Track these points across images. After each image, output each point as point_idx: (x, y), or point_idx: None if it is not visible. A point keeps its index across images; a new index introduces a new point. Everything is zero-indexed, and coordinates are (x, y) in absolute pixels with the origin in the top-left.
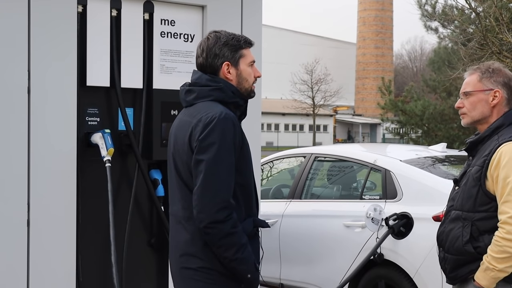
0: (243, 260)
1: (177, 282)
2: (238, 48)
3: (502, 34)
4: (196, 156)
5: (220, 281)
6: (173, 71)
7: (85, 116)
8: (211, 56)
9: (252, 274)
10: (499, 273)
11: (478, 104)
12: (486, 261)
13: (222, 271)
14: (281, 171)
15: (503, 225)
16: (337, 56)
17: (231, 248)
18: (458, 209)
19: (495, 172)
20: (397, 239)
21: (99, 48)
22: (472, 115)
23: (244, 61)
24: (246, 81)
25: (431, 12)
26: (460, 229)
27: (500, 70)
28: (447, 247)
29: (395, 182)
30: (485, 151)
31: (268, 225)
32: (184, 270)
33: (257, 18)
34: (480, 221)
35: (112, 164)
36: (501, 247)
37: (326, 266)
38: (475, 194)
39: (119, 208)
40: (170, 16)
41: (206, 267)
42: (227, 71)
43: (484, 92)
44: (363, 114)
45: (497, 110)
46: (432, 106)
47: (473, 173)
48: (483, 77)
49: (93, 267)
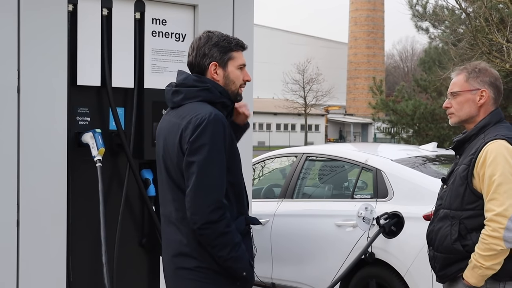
0: (238, 258)
1: (171, 283)
2: (228, 50)
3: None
4: (188, 158)
5: (216, 280)
6: (165, 71)
7: (76, 115)
8: (200, 55)
9: (247, 271)
10: (487, 270)
11: (466, 104)
12: (474, 259)
13: (217, 270)
14: (272, 171)
15: (489, 222)
16: (328, 56)
17: (225, 247)
18: (446, 208)
19: (481, 170)
20: (388, 238)
21: (90, 47)
22: (460, 115)
23: (233, 63)
24: (233, 84)
25: (422, 13)
26: (448, 228)
27: (487, 70)
28: (436, 246)
29: (386, 181)
30: (472, 150)
31: (260, 222)
32: (179, 270)
33: (249, 18)
34: (467, 219)
35: (103, 164)
36: (487, 244)
37: (317, 265)
38: (462, 192)
39: (110, 208)
40: (162, 16)
41: (202, 267)
42: (214, 72)
43: (471, 92)
44: (355, 113)
45: (484, 109)
46: (423, 105)
47: (460, 171)
48: (469, 77)
49: (84, 267)
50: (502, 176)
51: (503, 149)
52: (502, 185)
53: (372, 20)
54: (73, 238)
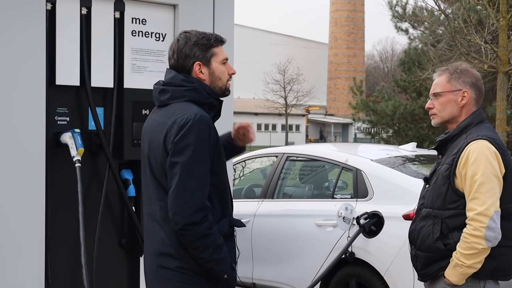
0: (220, 261)
1: (152, 282)
2: (208, 47)
3: (470, 36)
4: (171, 158)
5: (197, 281)
6: (145, 70)
7: (55, 115)
8: (182, 57)
9: (229, 274)
10: (468, 269)
11: (448, 104)
12: (455, 257)
13: (199, 272)
14: (253, 171)
15: (471, 221)
16: (309, 56)
17: (207, 249)
18: (428, 207)
19: (464, 169)
20: (368, 237)
21: (68, 47)
22: (442, 115)
23: (216, 60)
24: (220, 80)
25: (401, 14)
26: (430, 227)
27: (468, 71)
28: (418, 245)
29: (366, 181)
30: (454, 150)
31: (244, 224)
32: (161, 269)
33: (229, 18)
34: (449, 219)
35: (82, 164)
36: (469, 243)
37: (298, 265)
38: (444, 192)
39: (90, 208)
40: (141, 15)
41: (184, 267)
42: (199, 71)
43: (453, 92)
44: (335, 114)
45: (466, 110)
46: (402, 106)
47: (443, 171)
48: (451, 78)
49: (63, 269)
50: (483, 176)
51: (485, 149)
52: (483, 185)
53: (352, 20)
54: (52, 239)
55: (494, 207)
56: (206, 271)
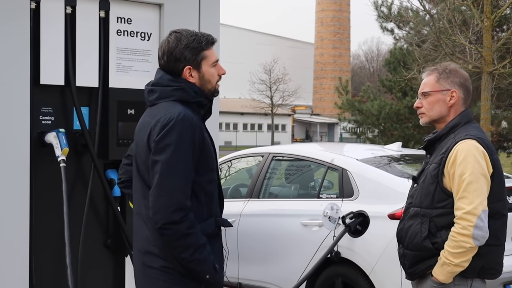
0: (201, 261)
1: (140, 280)
2: (199, 50)
3: (455, 36)
4: (153, 157)
5: (180, 281)
6: (130, 70)
7: (39, 115)
8: (172, 60)
9: (211, 275)
10: (456, 267)
11: (436, 104)
12: (443, 256)
13: (182, 271)
14: (239, 171)
15: (459, 220)
16: (295, 56)
17: (188, 249)
18: (416, 206)
19: (452, 169)
20: (353, 237)
21: (53, 46)
22: (430, 115)
23: (206, 63)
24: (209, 83)
25: (387, 14)
26: (418, 226)
27: (457, 71)
28: (406, 243)
29: (352, 181)
30: (442, 149)
31: (231, 224)
32: (146, 268)
33: (215, 17)
34: (438, 217)
35: (67, 164)
36: (457, 242)
37: (284, 265)
38: (433, 191)
39: (74, 208)
40: (127, 14)
41: (167, 267)
42: (189, 75)
43: (441, 92)
44: (321, 113)
45: (454, 109)
46: (388, 106)
47: (431, 170)
48: (440, 78)
49: (47, 269)
50: (472, 175)
51: (473, 148)
52: (471, 184)
53: (338, 20)
54: (36, 239)
55: (482, 206)
56: (188, 271)
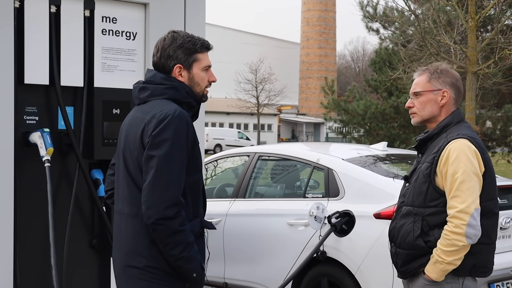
0: (190, 259)
1: (121, 281)
2: (193, 52)
3: (440, 36)
4: (148, 152)
5: (165, 280)
6: (115, 69)
7: (23, 114)
8: (164, 56)
9: (198, 273)
10: (448, 265)
11: (428, 103)
12: (435, 254)
13: (167, 271)
14: (225, 170)
15: (452, 219)
16: (281, 55)
17: (178, 246)
18: (409, 205)
19: (444, 168)
20: (339, 236)
21: (37, 45)
22: (422, 114)
23: (198, 66)
24: (198, 86)
25: (372, 14)
26: (411, 224)
27: (448, 71)
28: (399, 242)
29: (338, 180)
30: (434, 148)
31: (214, 227)
32: (128, 268)
33: (201, 17)
34: (430, 216)
35: (52, 164)
36: (450, 240)
37: (270, 264)
38: (425, 190)
39: (59, 209)
40: (112, 14)
41: (152, 266)
42: (178, 74)
43: (433, 92)
44: (307, 113)
45: (446, 109)
46: (373, 105)
47: (423, 169)
48: (432, 78)
49: (32, 270)
50: (464, 174)
51: (465, 148)
52: (464, 183)
53: (324, 20)
54: (21, 240)
55: (474, 205)
56: (175, 269)
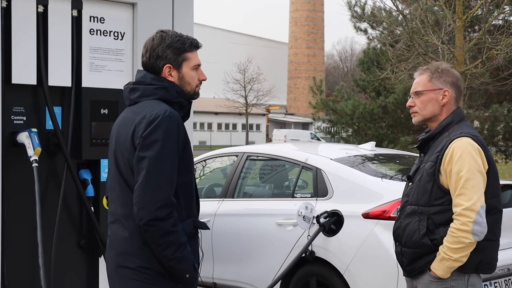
0: (182, 259)
1: (114, 282)
2: (182, 51)
3: (428, 36)
4: (139, 153)
5: (158, 281)
6: (103, 69)
7: (11, 114)
8: (153, 57)
9: (191, 274)
10: (454, 262)
11: (429, 103)
12: (442, 251)
13: (160, 271)
14: (213, 170)
15: (458, 217)
16: (269, 55)
17: (170, 246)
18: (413, 204)
19: (448, 166)
20: (328, 236)
21: (25, 45)
22: (423, 114)
23: (187, 65)
24: (189, 85)
25: (360, 14)
26: (416, 223)
27: (449, 71)
28: (404, 241)
29: (326, 180)
30: (437, 147)
31: (208, 227)
32: (121, 269)
33: (189, 17)
34: (435, 215)
35: (40, 164)
36: (456, 238)
37: (258, 264)
38: (430, 188)
39: (47, 209)
40: (100, 13)
41: (145, 267)
42: (168, 74)
43: (434, 91)
44: (295, 113)
45: (447, 108)
46: (362, 105)
47: (427, 168)
48: (432, 77)
49: (20, 271)
50: (469, 172)
51: (469, 146)
52: (469, 181)
53: (312, 20)
54: (8, 240)
55: (480, 202)
56: (167, 270)
